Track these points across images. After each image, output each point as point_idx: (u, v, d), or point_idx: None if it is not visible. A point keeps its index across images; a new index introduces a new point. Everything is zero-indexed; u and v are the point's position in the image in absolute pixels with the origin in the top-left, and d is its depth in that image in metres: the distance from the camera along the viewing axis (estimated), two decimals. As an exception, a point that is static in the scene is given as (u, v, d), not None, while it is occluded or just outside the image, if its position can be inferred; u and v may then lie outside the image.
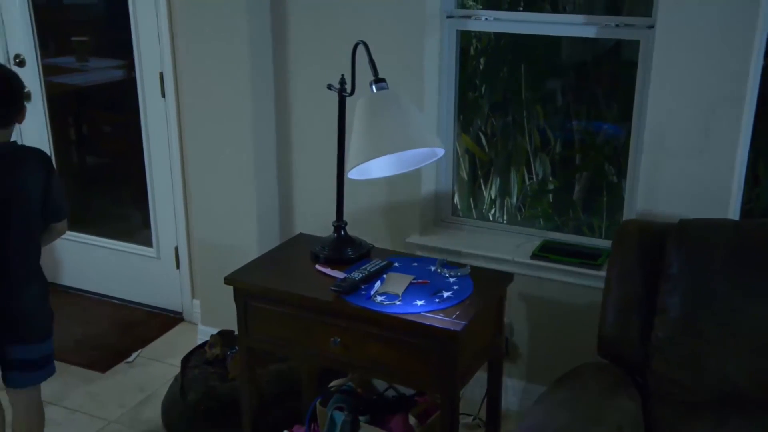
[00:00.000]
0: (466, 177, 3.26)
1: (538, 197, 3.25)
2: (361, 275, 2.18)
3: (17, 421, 2.45)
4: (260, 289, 2.20)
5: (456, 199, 3.15)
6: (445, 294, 2.13)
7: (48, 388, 3.03)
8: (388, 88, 2.07)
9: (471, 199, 3.27)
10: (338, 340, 2.10)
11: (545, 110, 3.17)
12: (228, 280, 2.23)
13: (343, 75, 2.23)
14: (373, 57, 2.11)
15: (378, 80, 2.07)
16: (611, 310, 2.16)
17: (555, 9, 2.94)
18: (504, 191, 3.26)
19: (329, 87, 2.26)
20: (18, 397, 2.42)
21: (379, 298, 2.09)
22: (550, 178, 3.18)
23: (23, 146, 2.35)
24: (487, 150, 3.23)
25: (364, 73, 2.14)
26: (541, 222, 3.12)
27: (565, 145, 3.18)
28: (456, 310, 2.05)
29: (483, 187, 3.31)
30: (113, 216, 3.88)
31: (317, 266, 2.29)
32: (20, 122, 2.30)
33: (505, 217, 3.25)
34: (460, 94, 2.96)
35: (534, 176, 3.21)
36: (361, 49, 2.13)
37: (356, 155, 2.00)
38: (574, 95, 3.13)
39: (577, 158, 3.22)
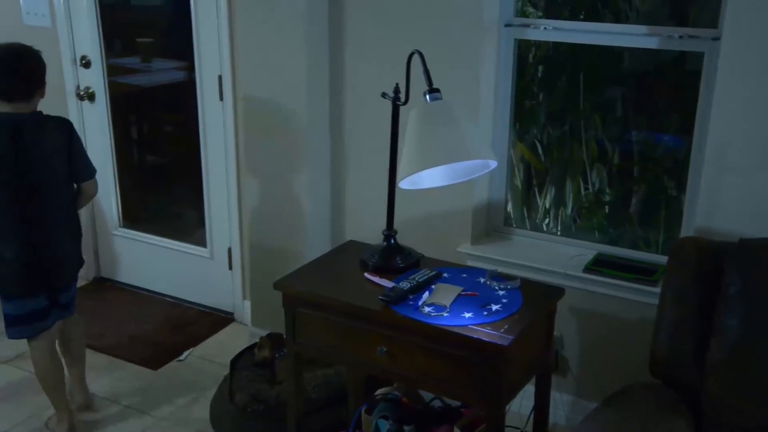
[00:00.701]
0: (520, 186, 3.22)
1: (594, 209, 3.19)
2: (409, 285, 2.17)
3: (71, 341, 2.91)
4: (309, 295, 2.21)
5: (509, 208, 3.11)
6: (494, 307, 2.11)
7: (102, 383, 3.14)
8: (441, 99, 2.05)
9: (525, 208, 3.23)
10: (385, 349, 2.10)
11: (604, 120, 3.11)
12: (277, 286, 2.25)
13: (397, 84, 2.22)
14: (429, 66, 2.10)
15: (432, 90, 2.06)
16: (665, 329, 2.11)
17: (617, 18, 2.88)
18: (559, 201, 3.21)
19: (383, 95, 2.26)
20: (67, 323, 2.86)
21: (426, 309, 2.08)
22: (607, 190, 3.12)
23: (47, 115, 2.62)
24: (543, 159, 3.19)
25: (419, 83, 2.14)
26: (596, 234, 3.07)
27: (624, 156, 3.11)
28: (504, 324, 2.02)
29: (537, 196, 3.26)
30: (170, 215, 3.96)
31: (366, 274, 2.29)
32: (42, 96, 2.60)
33: (559, 228, 3.20)
34: (516, 102, 2.93)
35: (590, 187, 3.15)
36: (416, 58, 2.12)
37: (408, 165, 2.00)
38: (634, 105, 3.06)
39: (635, 170, 3.15)
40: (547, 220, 3.26)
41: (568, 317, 2.79)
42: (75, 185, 2.69)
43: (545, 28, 2.73)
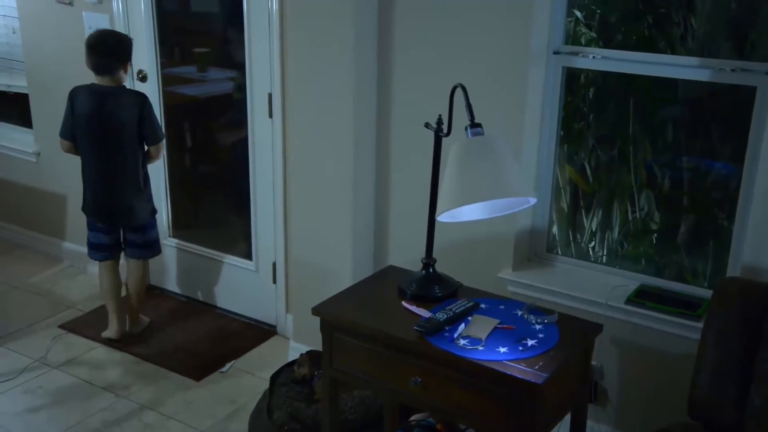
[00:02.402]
0: (566, 208, 3.19)
1: (640, 236, 3.14)
2: (445, 316, 2.18)
3: (129, 279, 3.58)
4: (346, 322, 2.24)
5: (554, 230, 3.09)
6: (530, 342, 2.10)
7: (147, 392, 3.23)
8: (483, 134, 2.06)
9: (570, 231, 3.20)
10: (419, 380, 2.11)
11: (654, 145, 3.07)
12: (316, 311, 2.28)
13: (440, 115, 2.23)
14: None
15: (474, 125, 2.06)
16: (705, 372, 2.07)
17: (671, 42, 2.84)
18: (605, 225, 3.17)
19: (426, 125, 2.27)
20: (130, 264, 3.56)
21: (462, 342, 2.09)
22: (656, 214, 3.06)
23: (127, 88, 3.35)
24: (591, 181, 3.15)
25: (463, 114, 2.13)
26: (642, 262, 3.02)
27: (673, 183, 3.05)
28: (539, 361, 2.01)
29: (584, 219, 3.23)
30: (218, 227, 4.03)
31: (404, 303, 2.30)
32: (125, 72, 3.29)
33: (604, 252, 3.16)
34: (565, 124, 2.91)
35: (638, 211, 3.11)
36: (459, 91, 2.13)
37: (447, 200, 2.01)
38: (685, 130, 3.01)
39: (685, 198, 3.09)
40: (593, 243, 3.23)
41: (609, 348, 2.76)
42: (145, 147, 3.35)
43: (594, 57, 2.70)
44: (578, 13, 2.90)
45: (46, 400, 3.17)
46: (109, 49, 3.23)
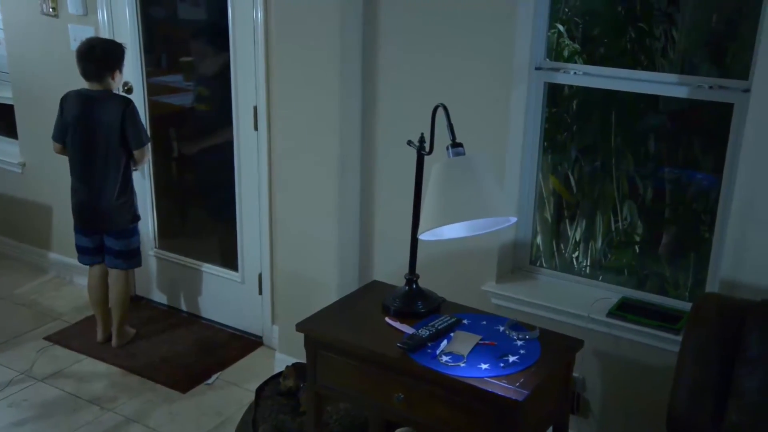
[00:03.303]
0: (550, 219, 3.23)
1: (623, 248, 3.18)
2: (428, 332, 2.20)
3: (111, 290, 3.61)
4: (330, 339, 2.26)
5: (539, 240, 3.12)
6: (511, 359, 2.13)
7: (132, 405, 3.23)
8: (464, 154, 2.08)
9: (554, 241, 3.23)
10: (402, 396, 2.14)
11: (636, 156, 3.10)
12: (300, 327, 2.30)
13: (422, 134, 2.26)
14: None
15: (455, 145, 2.09)
16: (683, 388, 2.11)
17: (652, 60, 2.87)
18: (589, 235, 3.21)
19: (409, 143, 2.30)
20: (111, 275, 3.59)
21: (444, 358, 2.11)
22: (639, 224, 3.10)
23: (113, 93, 3.40)
24: (574, 191, 3.19)
25: (445, 133, 2.16)
26: (625, 273, 3.05)
27: (655, 194, 3.09)
28: (520, 377, 2.04)
29: (568, 228, 3.26)
30: (204, 237, 4.04)
31: (387, 319, 2.32)
32: (113, 79, 3.37)
33: (588, 262, 3.19)
34: (548, 135, 2.94)
35: (620, 222, 3.14)
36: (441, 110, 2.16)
37: (429, 219, 2.03)
38: (667, 143, 3.05)
39: (667, 211, 3.13)
40: (576, 253, 3.26)
41: (591, 359, 2.79)
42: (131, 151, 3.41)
43: (575, 73, 2.74)
44: (560, 27, 2.94)
45: (32, 413, 3.17)
46: (97, 56, 3.32)
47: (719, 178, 2.62)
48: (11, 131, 4.40)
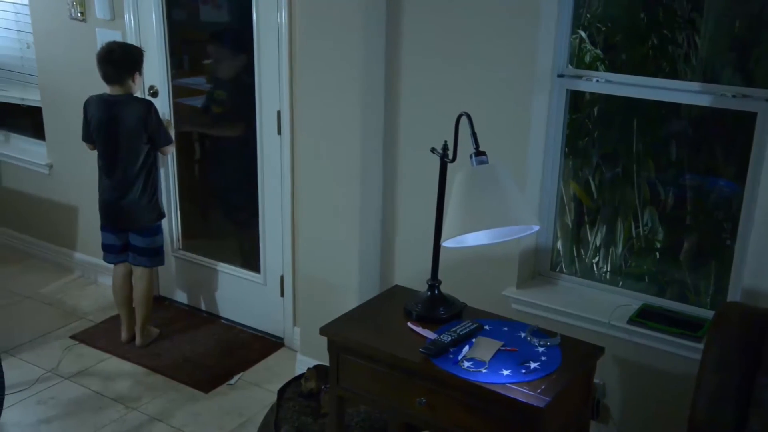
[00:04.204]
0: (570, 224, 3.24)
1: (644, 254, 3.18)
2: (450, 338, 2.22)
3: (134, 289, 3.69)
4: (353, 343, 2.29)
5: (559, 245, 3.13)
6: (533, 365, 2.14)
7: (156, 404, 3.29)
8: (488, 162, 2.11)
9: (574, 247, 3.24)
10: (424, 400, 2.16)
11: (657, 163, 3.10)
12: (323, 332, 2.33)
13: (446, 141, 2.28)
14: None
15: (478, 153, 2.11)
16: (704, 396, 2.11)
17: (675, 67, 2.87)
18: (609, 241, 3.21)
19: (432, 151, 2.32)
20: (135, 273, 3.67)
21: (466, 364, 2.13)
22: (660, 230, 3.09)
23: (135, 97, 3.51)
24: (595, 197, 3.19)
25: (468, 139, 2.18)
26: (646, 279, 3.05)
27: (677, 200, 3.09)
28: (542, 384, 2.06)
29: (589, 234, 3.27)
30: (226, 239, 4.09)
31: (409, 323, 2.35)
32: (134, 82, 3.47)
33: (608, 268, 3.19)
34: (570, 140, 2.95)
35: (641, 228, 3.14)
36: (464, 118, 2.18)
37: (452, 227, 2.06)
38: (688, 149, 3.05)
39: (688, 217, 3.12)
40: (597, 259, 3.27)
41: (611, 366, 2.80)
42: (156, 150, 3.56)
43: (598, 80, 2.75)
44: (582, 33, 2.95)
45: (58, 411, 3.23)
46: (116, 60, 3.42)
47: (741, 185, 2.62)
48: (39, 133, 4.48)
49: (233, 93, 3.87)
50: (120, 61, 3.42)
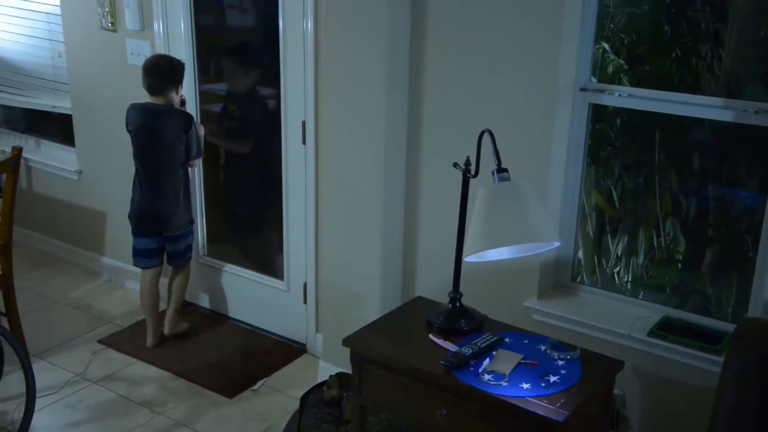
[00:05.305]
0: (591, 234, 3.25)
1: (665, 265, 3.18)
2: (471, 350, 2.26)
3: (174, 280, 3.89)
4: (375, 355, 2.33)
5: (580, 254, 3.14)
6: (552, 378, 2.17)
7: (181, 409, 3.35)
8: (509, 179, 2.14)
9: (596, 256, 3.26)
10: (444, 412, 2.20)
11: (680, 173, 3.11)
12: (346, 343, 2.38)
13: (468, 157, 2.32)
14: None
15: (500, 170, 2.14)
16: (723, 413, 2.12)
17: (697, 80, 2.87)
18: (631, 250, 3.22)
19: (455, 166, 2.36)
20: (176, 271, 3.86)
21: (486, 377, 2.17)
22: (681, 241, 3.09)
23: (176, 109, 3.63)
24: (617, 207, 3.20)
25: (491, 155, 2.21)
26: (667, 290, 3.06)
27: (699, 211, 3.09)
28: (561, 398, 2.09)
29: (610, 243, 3.28)
30: (250, 246, 4.15)
31: (431, 335, 2.39)
32: (177, 93, 3.59)
33: (629, 277, 3.20)
34: (592, 150, 2.96)
35: (663, 239, 3.15)
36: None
37: (473, 243, 2.09)
38: (711, 160, 3.05)
39: (710, 229, 3.12)
40: (618, 268, 3.28)
41: (631, 378, 2.82)
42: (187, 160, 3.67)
43: (620, 94, 2.76)
44: (605, 45, 2.96)
45: (87, 414, 3.30)
46: (162, 73, 3.55)
47: (764, 197, 2.62)
48: (69, 139, 4.58)
49: (250, 104, 3.96)
50: (166, 74, 3.55)
